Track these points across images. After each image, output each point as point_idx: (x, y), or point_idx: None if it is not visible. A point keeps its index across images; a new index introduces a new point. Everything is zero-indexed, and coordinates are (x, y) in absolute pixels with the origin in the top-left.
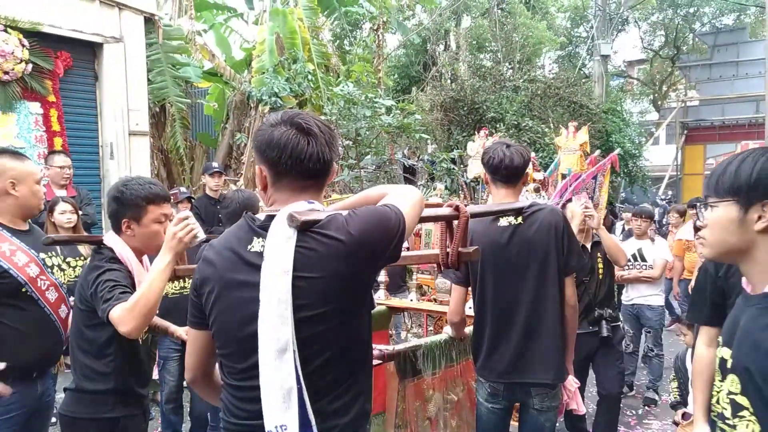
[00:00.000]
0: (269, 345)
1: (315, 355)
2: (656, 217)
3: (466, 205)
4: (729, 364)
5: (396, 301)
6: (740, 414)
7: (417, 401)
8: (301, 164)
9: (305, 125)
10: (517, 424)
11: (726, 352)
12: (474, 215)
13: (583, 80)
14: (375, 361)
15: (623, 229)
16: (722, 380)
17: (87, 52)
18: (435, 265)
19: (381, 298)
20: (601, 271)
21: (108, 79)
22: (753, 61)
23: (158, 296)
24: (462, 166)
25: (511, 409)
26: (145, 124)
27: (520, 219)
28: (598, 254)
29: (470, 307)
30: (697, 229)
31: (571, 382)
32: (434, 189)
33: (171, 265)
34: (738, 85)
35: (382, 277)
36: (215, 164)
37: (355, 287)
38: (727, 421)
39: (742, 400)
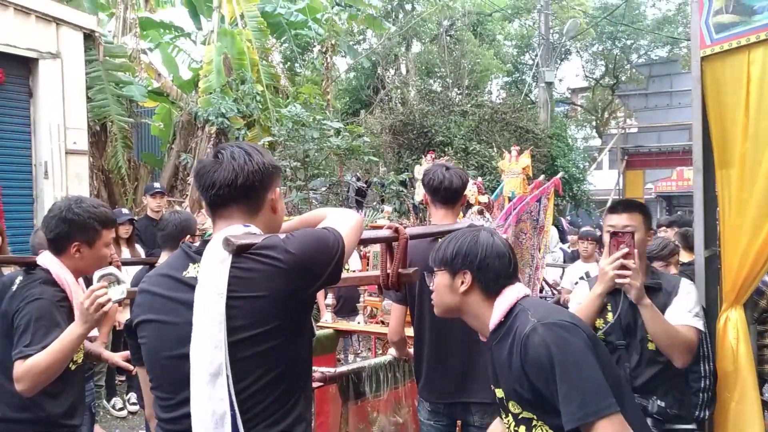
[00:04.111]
0: (201, 369)
1: (251, 378)
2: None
3: (405, 227)
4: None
5: (343, 324)
6: (533, 425)
7: (361, 424)
8: (207, 191)
9: (218, 153)
10: None
11: (499, 392)
12: (413, 237)
13: (529, 106)
14: (316, 384)
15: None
16: (506, 416)
17: (21, 67)
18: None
19: (328, 321)
20: (651, 345)
21: (43, 96)
22: (685, 92)
23: (63, 363)
24: (411, 188)
25: (454, 427)
26: (83, 143)
27: None
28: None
29: None
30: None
31: None
32: (382, 211)
33: (84, 335)
34: (672, 114)
35: (330, 299)
36: (156, 185)
37: (292, 308)
38: None
39: (526, 414)
